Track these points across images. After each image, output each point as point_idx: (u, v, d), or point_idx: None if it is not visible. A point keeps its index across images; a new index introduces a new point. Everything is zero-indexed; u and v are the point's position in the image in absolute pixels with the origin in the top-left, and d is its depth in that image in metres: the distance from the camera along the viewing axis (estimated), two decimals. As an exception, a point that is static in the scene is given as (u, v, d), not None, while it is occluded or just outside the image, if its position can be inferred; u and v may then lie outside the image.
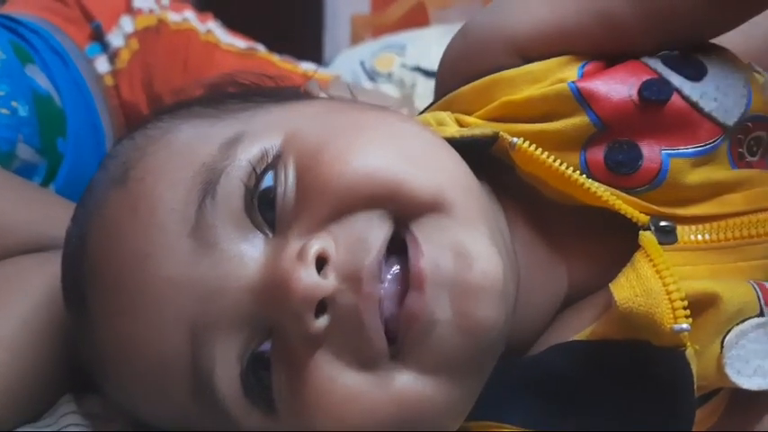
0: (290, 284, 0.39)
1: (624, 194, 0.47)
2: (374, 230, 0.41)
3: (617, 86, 0.47)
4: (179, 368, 0.42)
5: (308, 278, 0.39)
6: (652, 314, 0.42)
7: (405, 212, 0.42)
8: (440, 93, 0.54)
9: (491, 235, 0.43)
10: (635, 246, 0.46)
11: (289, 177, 0.43)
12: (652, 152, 0.46)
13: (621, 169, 0.47)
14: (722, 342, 0.43)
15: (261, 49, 1.00)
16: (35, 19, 0.88)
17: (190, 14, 0.97)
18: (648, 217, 0.47)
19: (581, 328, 0.46)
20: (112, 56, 0.91)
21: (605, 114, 0.47)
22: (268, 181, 0.43)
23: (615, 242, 0.47)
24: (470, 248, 0.42)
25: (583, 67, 0.49)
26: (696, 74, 0.47)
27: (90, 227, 0.46)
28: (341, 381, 0.41)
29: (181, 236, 0.42)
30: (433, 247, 0.41)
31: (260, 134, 0.44)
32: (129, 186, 0.45)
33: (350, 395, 0.41)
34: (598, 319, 0.45)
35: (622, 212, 0.46)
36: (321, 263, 0.40)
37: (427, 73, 1.14)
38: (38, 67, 0.82)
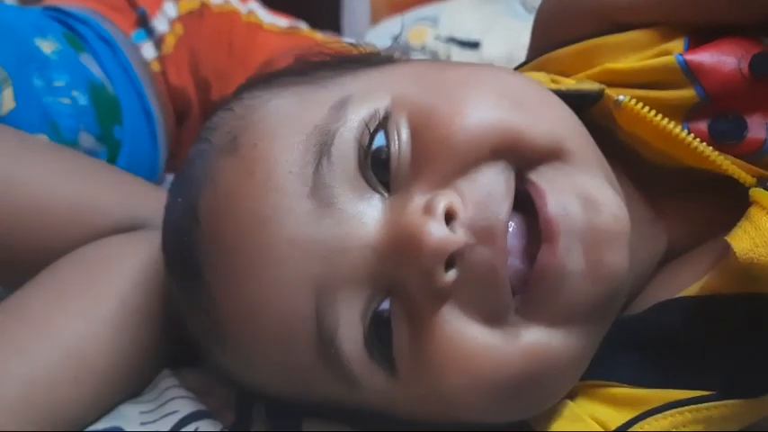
0: (422, 238, 0.40)
1: (731, 156, 0.46)
2: (501, 184, 0.41)
3: (726, 59, 0.46)
4: (303, 329, 0.43)
5: (439, 231, 0.40)
6: None
7: (524, 162, 0.42)
8: (533, 52, 0.54)
9: (610, 181, 0.44)
10: (735, 205, 0.45)
11: (402, 136, 0.43)
12: (758, 125, 0.46)
13: (726, 139, 0.47)
14: None
15: (303, 26, 1.00)
16: (81, 8, 0.88)
17: (229, -4, 0.98)
18: (755, 179, 0.46)
19: (685, 285, 0.46)
20: (158, 41, 0.91)
21: (712, 88, 0.46)
22: (379, 141, 0.43)
23: (714, 202, 0.47)
24: (595, 193, 0.42)
25: (688, 39, 0.48)
26: None
27: (201, 196, 0.46)
28: (470, 334, 0.41)
29: (300, 197, 0.42)
30: (559, 194, 0.41)
31: (367, 95, 0.44)
32: (241, 153, 0.45)
33: (481, 348, 0.41)
34: (706, 275, 0.45)
35: (729, 173, 0.46)
36: (448, 218, 0.40)
37: (462, 43, 1.13)
38: (90, 56, 0.83)
